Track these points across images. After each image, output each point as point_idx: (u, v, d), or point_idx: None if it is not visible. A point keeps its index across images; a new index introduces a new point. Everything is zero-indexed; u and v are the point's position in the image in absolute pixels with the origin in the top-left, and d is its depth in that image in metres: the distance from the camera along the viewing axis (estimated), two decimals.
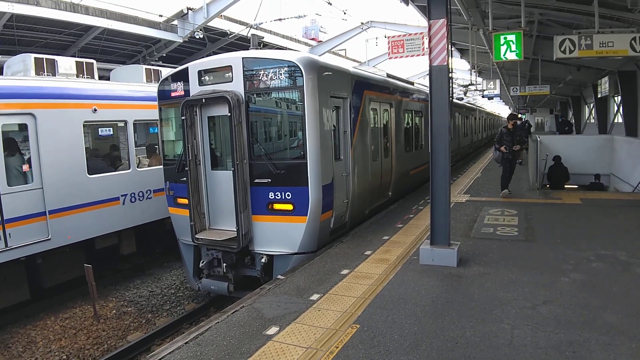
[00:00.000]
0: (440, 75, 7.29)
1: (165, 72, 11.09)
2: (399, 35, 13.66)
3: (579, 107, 36.52)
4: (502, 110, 75.13)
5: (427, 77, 7.64)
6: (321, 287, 6.89)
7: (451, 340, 5.02)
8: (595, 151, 17.10)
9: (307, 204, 8.55)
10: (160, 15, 20.64)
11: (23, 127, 9.63)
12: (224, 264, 9.07)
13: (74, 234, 10.41)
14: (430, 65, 7.33)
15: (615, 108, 25.49)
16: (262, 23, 22.27)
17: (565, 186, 16.61)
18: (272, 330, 5.54)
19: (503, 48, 12.10)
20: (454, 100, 21.27)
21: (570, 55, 12.00)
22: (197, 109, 9.20)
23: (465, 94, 32.31)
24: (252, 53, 9.45)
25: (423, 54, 12.94)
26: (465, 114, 28.28)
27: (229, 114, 8.53)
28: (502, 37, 12.08)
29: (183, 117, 9.02)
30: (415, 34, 13.33)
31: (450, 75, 7.54)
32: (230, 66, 8.92)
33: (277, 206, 8.76)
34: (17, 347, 8.98)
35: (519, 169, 18.62)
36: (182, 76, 9.57)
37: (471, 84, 28.32)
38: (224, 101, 8.60)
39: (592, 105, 30.93)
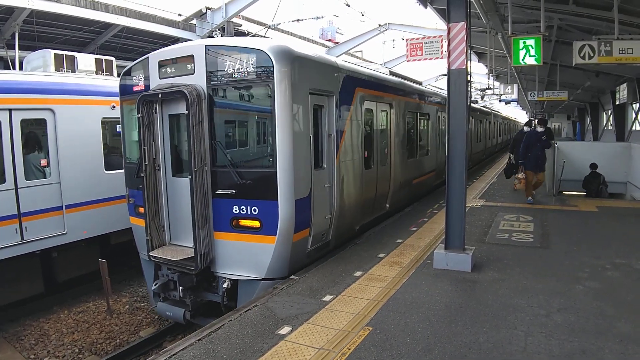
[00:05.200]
0: (458, 78, 7.27)
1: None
2: (418, 38, 13.61)
3: (596, 114, 36.24)
4: (519, 115, 74.63)
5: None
6: (334, 288, 6.88)
7: (464, 346, 5.00)
8: (612, 159, 16.89)
9: (276, 221, 7.30)
10: (179, 15, 20.76)
11: (42, 122, 9.74)
12: (180, 287, 7.83)
13: (90, 229, 10.51)
14: (449, 69, 7.31)
15: (634, 115, 25.25)
16: (280, 24, 22.31)
17: (576, 193, 16.48)
18: (285, 330, 5.54)
19: (522, 52, 12.06)
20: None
21: (590, 61, 11.95)
22: (158, 106, 8.05)
23: (482, 97, 32.17)
24: (217, 40, 8.54)
25: (442, 57, 12.84)
26: (479, 117, 27.38)
27: (187, 112, 7.34)
28: (521, 42, 12.05)
29: (139, 115, 7.87)
30: (434, 36, 13.27)
31: (468, 78, 7.49)
32: (192, 55, 7.74)
33: (242, 222, 7.56)
34: (30, 340, 9.08)
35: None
36: (144, 68, 8.49)
37: (488, 88, 28.18)
38: (183, 97, 7.42)
39: (610, 112, 30.66)
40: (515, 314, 5.78)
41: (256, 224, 7.44)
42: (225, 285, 7.75)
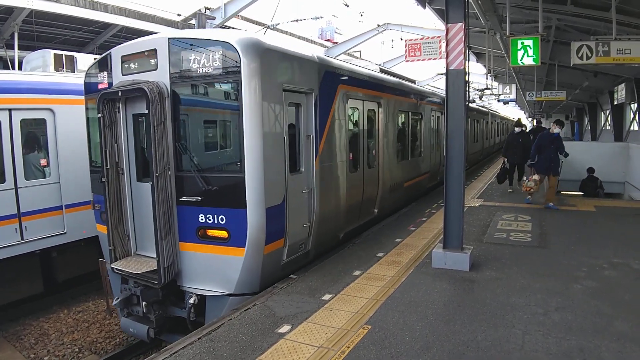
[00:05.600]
0: (457, 79, 7.29)
1: None
2: (416, 39, 13.60)
3: (595, 114, 36.28)
4: (517, 115, 74.64)
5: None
6: (333, 287, 6.91)
7: (462, 344, 5.03)
8: (610, 159, 16.96)
9: (244, 231, 6.64)
10: (178, 15, 20.78)
11: (41, 122, 9.76)
12: (143, 303, 7.11)
13: (89, 229, 10.48)
14: (447, 69, 7.33)
15: (632, 115, 25.31)
16: (278, 24, 22.33)
17: (574, 193, 16.59)
18: (284, 328, 5.57)
19: (520, 53, 12.10)
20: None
21: (587, 61, 11.99)
22: (121, 105, 7.34)
23: (480, 97, 32.23)
24: (181, 32, 7.67)
25: (440, 58, 12.81)
26: (475, 117, 26.66)
27: (147, 111, 6.68)
28: (519, 42, 12.10)
29: (99, 115, 7.15)
30: (433, 37, 13.25)
31: (466, 79, 7.49)
32: (155, 50, 7.06)
33: (209, 232, 6.91)
34: (30, 339, 9.12)
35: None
36: (107, 64, 7.74)
37: (487, 88, 28.23)
38: (143, 95, 6.73)
39: (608, 112, 30.71)
40: (513, 312, 5.81)
41: (224, 234, 6.81)
42: (191, 300, 7.05)
